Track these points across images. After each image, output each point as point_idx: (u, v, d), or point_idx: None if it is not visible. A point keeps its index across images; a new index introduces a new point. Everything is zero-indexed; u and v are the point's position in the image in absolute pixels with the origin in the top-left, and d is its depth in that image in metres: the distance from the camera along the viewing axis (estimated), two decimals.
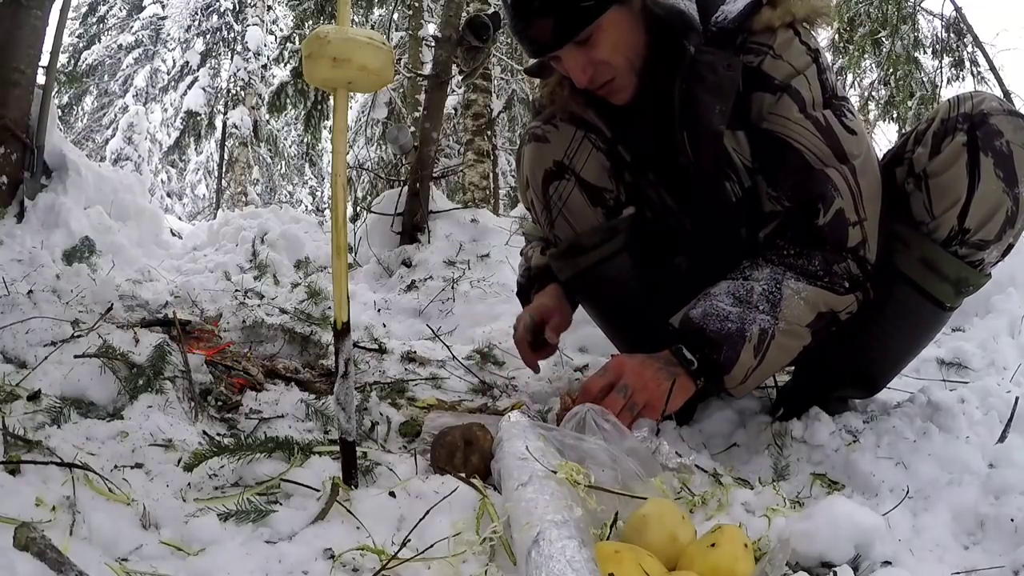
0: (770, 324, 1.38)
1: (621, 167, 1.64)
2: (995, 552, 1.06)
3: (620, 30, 1.44)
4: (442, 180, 5.74)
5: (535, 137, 1.65)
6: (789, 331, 1.39)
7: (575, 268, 1.68)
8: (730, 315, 1.39)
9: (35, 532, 0.80)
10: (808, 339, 1.42)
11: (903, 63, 7.89)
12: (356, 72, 1.06)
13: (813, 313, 1.40)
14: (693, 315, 1.42)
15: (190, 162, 19.33)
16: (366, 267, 4.19)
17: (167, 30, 17.96)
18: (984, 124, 1.35)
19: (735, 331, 1.38)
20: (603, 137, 1.62)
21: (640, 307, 1.68)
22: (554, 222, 1.65)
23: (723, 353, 1.38)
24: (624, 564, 0.88)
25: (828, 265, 1.40)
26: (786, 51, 1.43)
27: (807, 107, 1.41)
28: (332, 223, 1.12)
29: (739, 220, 1.54)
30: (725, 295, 1.42)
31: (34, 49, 3.43)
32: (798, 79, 1.42)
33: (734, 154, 1.49)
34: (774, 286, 1.40)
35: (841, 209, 1.38)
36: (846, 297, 1.41)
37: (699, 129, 1.48)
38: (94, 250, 3.67)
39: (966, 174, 1.35)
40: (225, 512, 1.01)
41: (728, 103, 1.44)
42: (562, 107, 1.64)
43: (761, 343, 1.38)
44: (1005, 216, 1.36)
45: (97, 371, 1.44)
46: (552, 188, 1.63)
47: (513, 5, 1.43)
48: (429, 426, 1.51)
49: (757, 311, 1.39)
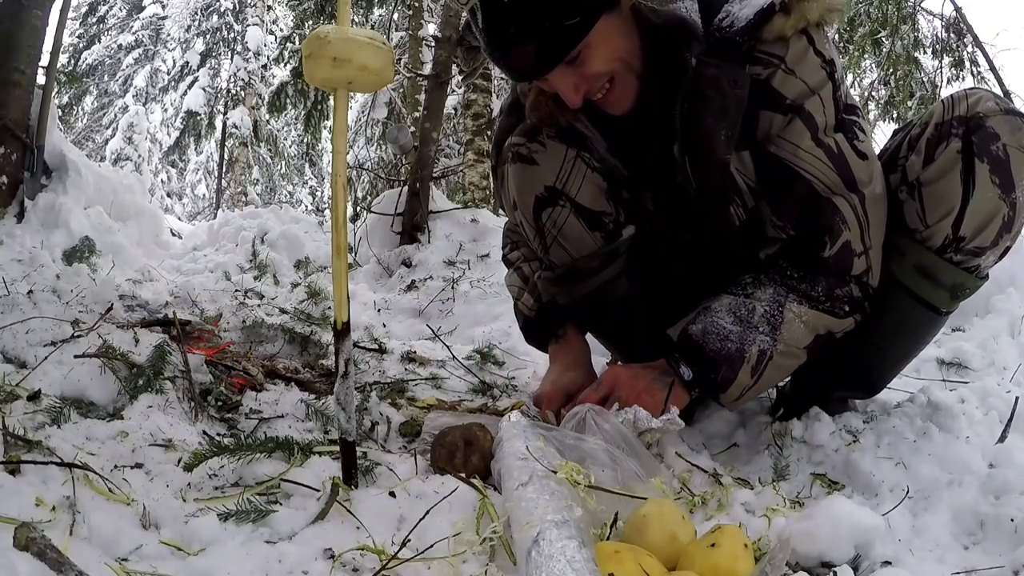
0: (769, 346, 1.37)
1: (618, 184, 1.54)
2: (995, 552, 1.06)
3: (612, 40, 1.32)
4: (442, 180, 5.75)
5: (520, 157, 1.52)
6: (787, 352, 1.39)
7: (572, 296, 1.61)
8: (730, 335, 1.38)
9: (35, 532, 0.80)
10: (804, 358, 1.42)
11: (903, 63, 7.89)
12: (356, 72, 1.06)
13: (812, 336, 1.39)
14: (693, 332, 1.40)
15: (190, 162, 19.32)
16: (366, 267, 4.19)
17: (167, 30, 17.96)
18: (980, 128, 1.30)
19: (734, 351, 1.37)
20: (596, 154, 1.51)
21: (640, 325, 1.64)
22: (549, 249, 1.57)
23: (721, 373, 1.37)
24: (624, 564, 0.88)
25: (831, 290, 1.38)
26: (799, 65, 1.32)
27: (819, 132, 1.34)
28: (332, 223, 1.12)
29: (741, 241, 1.49)
30: (726, 312, 1.40)
31: (34, 49, 3.44)
32: (812, 100, 1.33)
33: (738, 176, 1.41)
34: (776, 308, 1.38)
35: (848, 241, 1.35)
36: (845, 320, 1.40)
37: (703, 156, 1.38)
38: (94, 250, 3.68)
39: (960, 183, 1.31)
40: (225, 512, 1.01)
41: (735, 127, 1.34)
42: (547, 117, 1.50)
43: (759, 364, 1.37)
44: (1001, 223, 1.33)
45: (97, 371, 1.44)
46: (545, 215, 1.53)
47: (487, 31, 1.28)
48: (429, 426, 1.51)
49: (757, 332, 1.37)
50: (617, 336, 1.74)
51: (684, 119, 1.36)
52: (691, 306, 1.47)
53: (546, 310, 1.72)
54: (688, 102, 1.35)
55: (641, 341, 1.64)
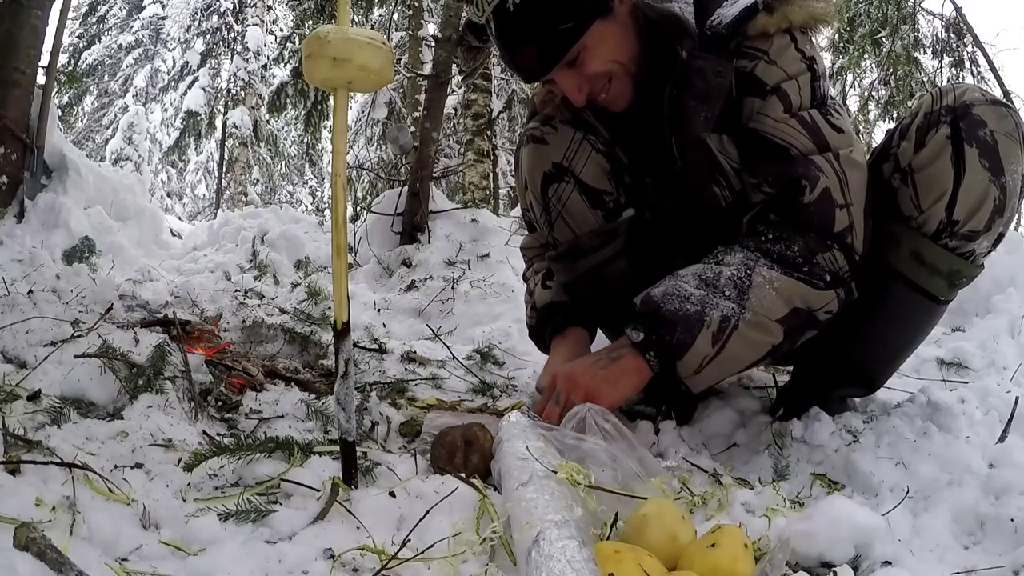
0: (734, 312, 1.33)
1: (620, 169, 1.64)
2: (995, 552, 1.06)
3: (608, 43, 1.43)
4: (442, 180, 5.75)
5: (533, 139, 1.65)
6: (756, 323, 1.33)
7: (574, 272, 1.67)
8: (691, 297, 1.34)
9: (35, 532, 0.80)
10: (779, 337, 1.36)
11: (903, 63, 7.90)
12: (356, 72, 1.06)
13: (787, 307, 1.34)
14: (654, 294, 1.38)
15: (190, 162, 19.33)
16: (366, 267, 4.19)
17: (167, 30, 17.95)
18: (967, 115, 1.35)
19: (693, 313, 1.33)
20: (602, 138, 1.62)
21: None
22: (553, 224, 1.65)
23: (676, 335, 1.32)
24: (624, 564, 0.88)
25: (810, 253, 1.35)
26: (780, 57, 1.41)
27: (793, 108, 1.40)
28: (332, 223, 1.12)
29: (731, 223, 1.51)
30: (692, 276, 1.38)
31: (34, 49, 3.44)
32: (789, 83, 1.40)
33: (722, 158, 1.47)
34: (744, 272, 1.35)
35: (827, 188, 1.35)
36: (825, 293, 1.36)
37: (685, 135, 1.47)
38: (94, 250, 3.68)
39: (951, 166, 1.35)
40: (225, 512, 1.01)
41: (714, 110, 1.42)
42: (558, 110, 1.63)
43: (722, 331, 1.32)
44: (993, 205, 1.36)
45: (97, 371, 1.44)
46: (551, 191, 1.62)
47: (497, 36, 1.43)
48: (429, 426, 1.51)
49: (722, 296, 1.34)
50: (618, 322, 1.75)
51: (670, 103, 1.46)
52: None
53: (545, 312, 1.77)
54: (675, 88, 1.45)
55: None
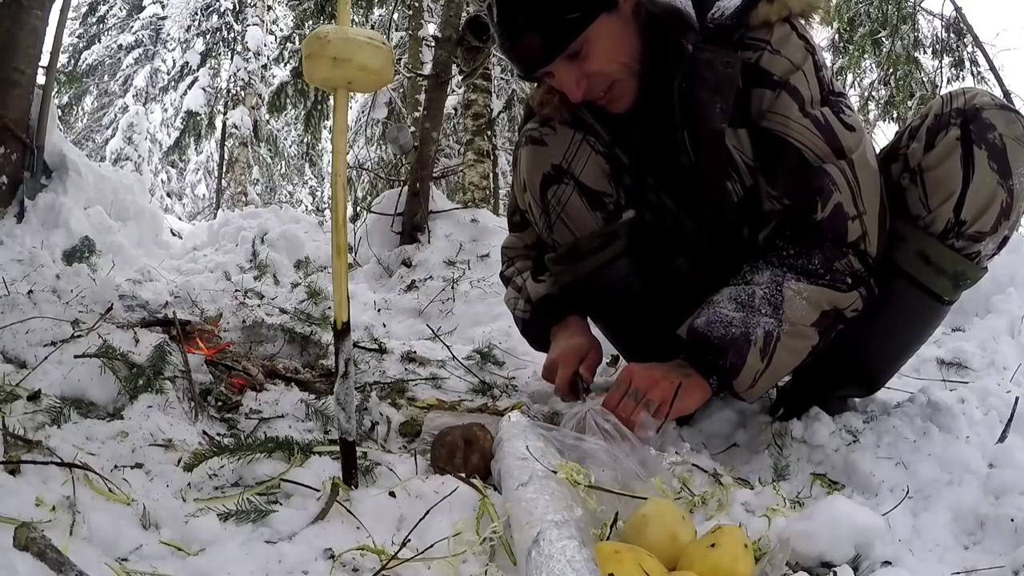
0: (774, 327, 1.38)
1: (620, 170, 1.63)
2: (995, 552, 1.06)
3: (612, 38, 1.42)
4: (442, 180, 5.75)
5: (532, 140, 1.63)
6: (794, 332, 1.39)
7: (574, 274, 1.66)
8: (733, 320, 1.39)
9: (35, 532, 0.80)
10: (816, 339, 1.42)
11: (903, 63, 7.90)
12: (356, 72, 1.06)
13: (817, 312, 1.40)
14: (697, 324, 1.42)
15: (190, 162, 19.32)
16: (366, 267, 4.19)
17: (167, 30, 17.93)
18: (977, 118, 1.37)
19: (739, 336, 1.38)
20: (601, 139, 1.61)
21: (640, 311, 1.67)
22: (552, 227, 1.64)
23: (729, 358, 1.38)
24: (624, 564, 0.88)
25: (829, 263, 1.39)
26: (784, 46, 1.42)
27: (806, 105, 1.42)
28: (332, 223, 1.12)
29: (741, 220, 1.53)
30: (727, 301, 1.42)
31: (34, 49, 3.44)
32: (796, 76, 1.42)
33: (735, 152, 1.48)
34: (775, 289, 1.40)
35: (840, 203, 1.38)
36: (849, 294, 1.41)
37: (700, 128, 1.47)
38: (94, 250, 3.68)
39: (960, 167, 1.36)
40: (225, 512, 1.01)
41: (728, 101, 1.43)
42: (556, 111, 1.62)
43: (767, 346, 1.38)
44: (1000, 208, 1.37)
45: (97, 371, 1.43)
46: (551, 192, 1.61)
47: (499, 23, 1.42)
48: (429, 426, 1.51)
49: (760, 315, 1.39)
50: (619, 324, 1.77)
51: (681, 97, 1.46)
52: (694, 301, 1.49)
53: (542, 304, 1.74)
54: (685, 81, 1.45)
55: (642, 331, 1.67)
